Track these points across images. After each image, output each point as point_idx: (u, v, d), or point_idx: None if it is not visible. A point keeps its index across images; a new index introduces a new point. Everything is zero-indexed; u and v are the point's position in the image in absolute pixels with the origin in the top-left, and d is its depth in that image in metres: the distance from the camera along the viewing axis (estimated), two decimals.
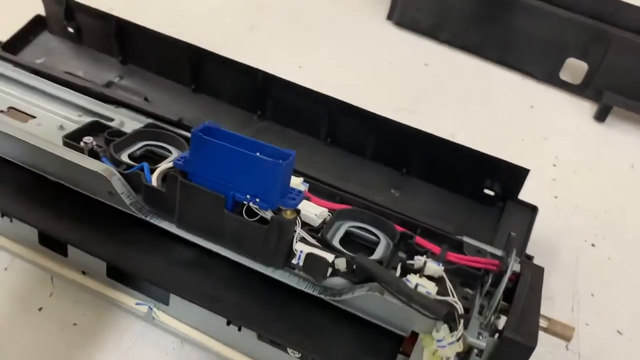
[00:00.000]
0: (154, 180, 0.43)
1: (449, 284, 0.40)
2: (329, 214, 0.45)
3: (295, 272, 0.42)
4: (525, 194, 0.60)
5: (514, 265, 0.40)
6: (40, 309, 0.52)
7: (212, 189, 0.40)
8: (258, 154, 0.39)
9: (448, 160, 0.62)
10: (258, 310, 0.43)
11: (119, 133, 0.49)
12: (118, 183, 0.43)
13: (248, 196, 0.40)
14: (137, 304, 0.50)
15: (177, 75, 0.70)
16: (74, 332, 0.50)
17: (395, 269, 0.41)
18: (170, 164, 0.44)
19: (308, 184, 0.47)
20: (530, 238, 0.58)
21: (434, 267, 0.41)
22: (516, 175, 0.59)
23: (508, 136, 0.77)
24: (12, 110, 0.49)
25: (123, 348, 0.51)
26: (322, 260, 0.39)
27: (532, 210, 0.60)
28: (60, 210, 0.49)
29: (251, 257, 0.42)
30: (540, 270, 0.44)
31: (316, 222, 0.44)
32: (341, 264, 0.40)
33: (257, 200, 0.39)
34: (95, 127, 0.49)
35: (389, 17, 0.93)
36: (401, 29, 0.92)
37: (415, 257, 0.42)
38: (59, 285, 0.52)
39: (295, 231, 0.41)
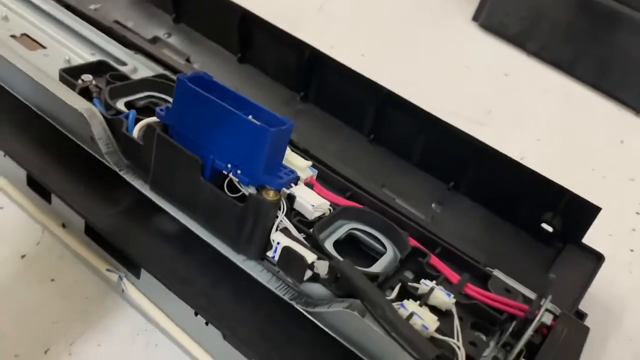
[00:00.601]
0: (136, 131, 0.37)
1: (456, 322, 0.31)
2: (331, 208, 0.37)
3: (271, 268, 0.34)
4: (593, 239, 0.49)
5: (544, 316, 0.30)
6: (23, 256, 0.48)
7: (191, 150, 0.33)
8: (250, 117, 0.32)
9: (505, 181, 0.52)
10: (228, 306, 0.36)
11: (122, 77, 0.44)
12: (98, 127, 0.38)
13: (229, 165, 0.33)
14: (107, 270, 0.44)
15: (225, 41, 0.65)
16: (50, 288, 0.45)
17: (393, 289, 0.33)
18: None
19: (317, 171, 0.39)
20: (589, 292, 0.47)
21: (442, 298, 0.33)
22: (584, 212, 0.48)
23: (587, 170, 0.66)
24: (24, 37, 0.45)
25: (93, 316, 0.45)
26: (300, 258, 0.32)
27: (597, 258, 0.49)
28: (50, 154, 0.45)
29: (223, 239, 0.35)
30: (583, 331, 0.34)
31: (311, 214, 0.36)
32: (322, 267, 0.31)
33: (239, 172, 0.32)
34: (101, 68, 0.44)
35: (475, 18, 0.83)
36: (486, 32, 0.82)
37: (422, 280, 0.34)
38: (47, 238, 0.48)
39: (277, 217, 0.33)
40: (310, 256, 0.32)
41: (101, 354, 0.40)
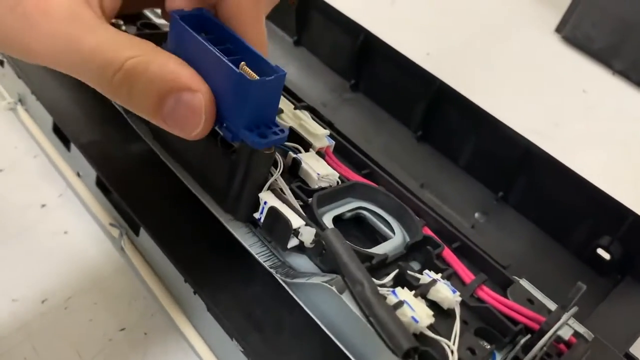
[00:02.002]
0: None
1: (457, 323, 0.26)
2: (338, 181, 0.33)
3: (258, 232, 0.31)
4: None
5: (563, 329, 0.25)
6: (43, 206, 0.47)
7: None
8: (243, 64, 0.28)
9: (561, 196, 0.46)
10: (218, 274, 0.33)
11: (153, 26, 0.42)
12: None
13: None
14: (111, 224, 0.42)
15: (283, 22, 0.63)
16: (60, 240, 0.44)
17: (388, 275, 0.28)
18: None
19: (334, 142, 0.36)
20: None
21: (445, 293, 0.28)
22: None
23: None
24: None
25: (95, 274, 0.43)
26: (285, 221, 0.28)
27: None
28: (74, 101, 0.44)
29: (213, 196, 0.32)
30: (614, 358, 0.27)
31: (315, 182, 0.32)
32: (307, 235, 0.27)
33: (224, 125, 0.28)
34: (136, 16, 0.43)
35: (558, 29, 0.77)
36: (568, 45, 0.75)
37: (426, 271, 0.29)
38: (70, 190, 0.47)
39: (271, 175, 0.30)
40: (297, 221, 0.28)
41: (96, 312, 0.38)
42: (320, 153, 0.34)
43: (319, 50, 0.60)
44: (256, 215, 0.30)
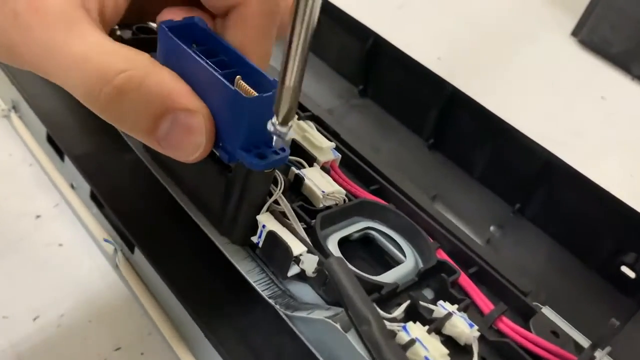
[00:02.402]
0: None
1: None
2: (345, 198, 0.30)
3: (256, 255, 0.28)
4: None
5: None
6: (38, 217, 0.45)
7: None
8: (238, 78, 0.26)
9: (583, 209, 0.43)
10: (216, 298, 0.31)
11: None
12: None
13: None
14: (105, 240, 0.40)
15: None
16: (54, 253, 0.42)
17: (399, 305, 0.26)
18: None
19: (340, 155, 0.33)
20: None
21: (462, 327, 0.25)
22: None
23: None
24: None
25: (90, 290, 0.41)
26: (285, 248, 0.25)
27: None
28: (68, 110, 0.42)
29: (208, 217, 0.29)
30: None
31: (319, 201, 0.29)
32: (309, 263, 0.25)
33: (220, 144, 0.26)
34: None
35: (575, 33, 0.73)
36: (585, 49, 0.72)
37: (440, 302, 0.26)
38: (63, 204, 0.45)
39: (269, 195, 0.27)
40: (298, 247, 0.25)
41: (90, 331, 0.36)
42: (325, 168, 0.32)
43: (326, 54, 0.58)
44: (254, 238, 0.27)
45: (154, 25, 0.43)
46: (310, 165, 0.32)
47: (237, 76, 0.25)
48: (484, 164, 0.48)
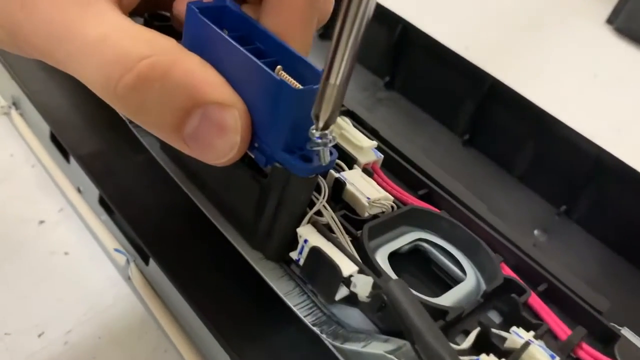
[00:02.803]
0: None
1: None
2: (393, 205, 0.26)
3: (293, 273, 0.24)
4: None
5: None
6: (41, 222, 0.42)
7: None
8: (279, 68, 0.22)
9: (635, 210, 0.39)
10: (244, 317, 0.27)
11: None
12: None
13: None
14: (115, 250, 0.36)
15: None
16: (59, 262, 0.38)
17: (467, 334, 0.22)
18: None
19: (383, 156, 0.29)
20: None
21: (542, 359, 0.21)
22: None
23: None
24: None
25: (99, 304, 0.37)
26: (333, 267, 0.21)
27: None
28: (74, 108, 0.38)
29: (238, 229, 0.25)
30: None
31: (364, 208, 0.26)
32: (362, 285, 0.21)
33: (256, 145, 0.22)
34: None
35: (610, 20, 0.69)
36: (622, 36, 0.68)
37: (514, 329, 0.22)
38: (69, 209, 0.41)
39: (312, 205, 0.23)
40: (348, 266, 0.21)
41: (100, 348, 0.33)
42: (367, 170, 0.28)
43: None
44: (293, 254, 0.23)
45: (167, 13, 0.39)
46: (350, 167, 0.28)
47: (278, 66, 0.22)
48: (525, 162, 0.44)
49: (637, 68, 0.64)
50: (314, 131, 0.20)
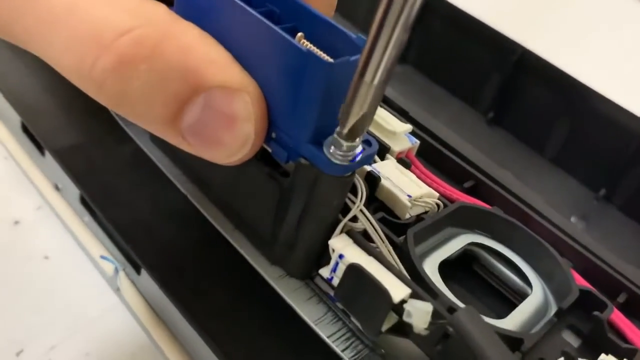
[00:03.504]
0: None
1: None
2: (438, 203, 0.22)
3: (322, 292, 0.20)
4: None
5: None
6: (16, 223, 0.36)
7: None
8: (301, 36, 0.17)
9: None
10: (255, 343, 0.22)
11: None
12: None
13: None
14: (102, 257, 0.31)
15: None
16: (39, 269, 0.33)
17: None
18: None
19: (419, 142, 0.24)
20: None
21: None
22: None
23: None
24: None
25: (85, 316, 0.33)
26: (379, 291, 0.17)
27: None
28: (47, 93, 0.33)
29: (250, 237, 0.21)
30: None
31: (405, 209, 0.21)
32: (420, 314, 0.16)
33: (273, 135, 0.17)
34: None
35: None
36: None
37: (602, 357, 0.18)
38: (47, 207, 0.36)
39: (346, 210, 0.18)
40: (399, 290, 0.17)
41: None
42: (402, 161, 0.23)
43: (354, 11, 0.48)
44: (324, 272, 0.18)
45: None
46: (382, 157, 0.23)
47: (299, 33, 0.17)
48: (559, 142, 0.40)
49: None
50: (339, 139, 0.15)
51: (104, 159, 0.30)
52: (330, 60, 0.16)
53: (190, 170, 0.22)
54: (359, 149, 0.17)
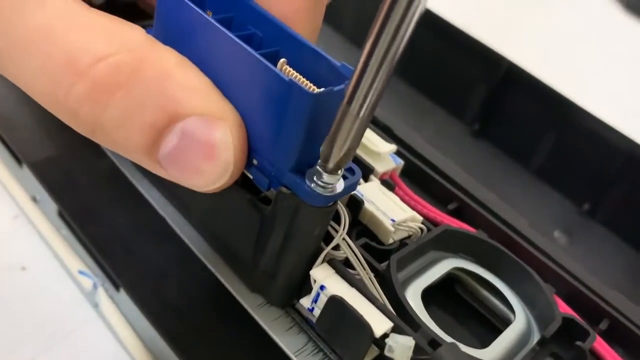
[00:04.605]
0: None
1: None
2: (422, 227, 0.21)
3: (303, 320, 0.19)
4: None
5: None
6: None
7: None
8: (283, 62, 0.17)
9: None
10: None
11: None
12: None
13: None
14: (80, 272, 0.30)
15: None
16: (16, 280, 0.32)
17: None
18: None
19: (403, 162, 0.24)
20: None
21: None
22: None
23: None
24: None
25: (63, 331, 0.32)
26: (361, 325, 0.16)
27: None
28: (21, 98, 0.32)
29: (232, 265, 0.20)
30: None
31: (388, 234, 0.20)
32: (401, 349, 0.16)
33: (254, 162, 0.17)
34: None
35: None
36: (632, 13, 0.64)
37: None
38: (24, 217, 0.35)
39: (327, 238, 0.18)
40: (380, 323, 0.16)
41: None
42: (386, 183, 0.23)
43: (340, 22, 0.48)
44: (305, 302, 0.18)
45: None
46: (366, 179, 0.23)
47: (282, 59, 0.16)
48: (544, 155, 0.40)
49: None
50: (321, 170, 0.15)
51: (82, 173, 0.30)
52: (314, 89, 0.16)
53: (170, 193, 0.21)
54: (341, 179, 0.16)
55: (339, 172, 0.15)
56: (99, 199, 0.28)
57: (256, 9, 0.18)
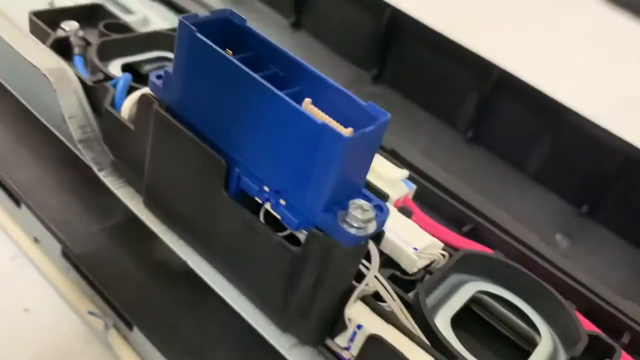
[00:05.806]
0: (127, 106, 0.22)
1: None
2: (443, 254, 0.22)
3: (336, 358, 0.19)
4: None
5: None
6: None
7: (209, 143, 0.18)
8: (308, 102, 0.17)
9: None
10: None
11: (123, 29, 0.29)
12: (70, 98, 0.23)
13: (266, 188, 0.17)
14: (89, 313, 0.30)
15: (275, 0, 0.50)
16: (20, 321, 0.32)
17: None
18: None
19: (415, 186, 0.24)
20: None
21: None
22: None
23: None
24: None
25: None
26: None
27: None
28: (17, 140, 0.32)
29: (259, 305, 0.20)
30: None
31: (413, 264, 0.21)
32: None
33: (282, 202, 0.17)
34: (96, 14, 0.30)
35: None
36: (615, 6, 0.64)
37: None
38: (23, 258, 0.35)
39: (359, 277, 0.18)
40: (421, 358, 0.16)
41: None
42: (404, 209, 0.23)
43: (326, 34, 0.48)
44: (341, 341, 0.18)
45: (126, 18, 0.33)
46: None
47: (306, 99, 0.16)
48: (540, 159, 0.40)
49: (634, 39, 0.60)
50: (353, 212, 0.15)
51: (85, 211, 0.29)
52: (347, 133, 0.16)
53: (190, 235, 0.21)
54: (373, 217, 0.16)
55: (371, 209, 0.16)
56: (105, 238, 0.28)
57: (273, 46, 0.18)
